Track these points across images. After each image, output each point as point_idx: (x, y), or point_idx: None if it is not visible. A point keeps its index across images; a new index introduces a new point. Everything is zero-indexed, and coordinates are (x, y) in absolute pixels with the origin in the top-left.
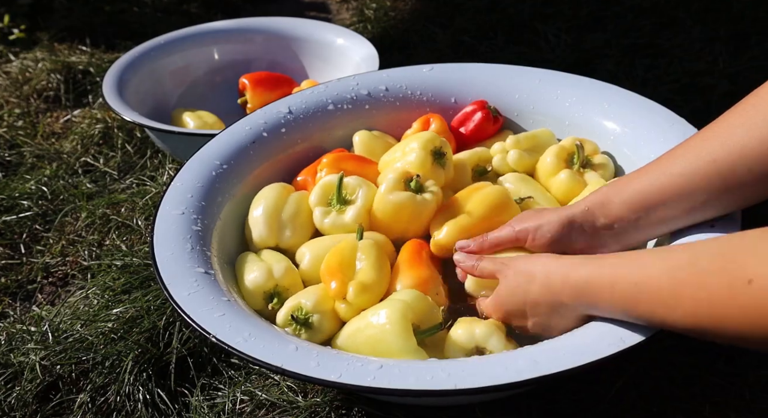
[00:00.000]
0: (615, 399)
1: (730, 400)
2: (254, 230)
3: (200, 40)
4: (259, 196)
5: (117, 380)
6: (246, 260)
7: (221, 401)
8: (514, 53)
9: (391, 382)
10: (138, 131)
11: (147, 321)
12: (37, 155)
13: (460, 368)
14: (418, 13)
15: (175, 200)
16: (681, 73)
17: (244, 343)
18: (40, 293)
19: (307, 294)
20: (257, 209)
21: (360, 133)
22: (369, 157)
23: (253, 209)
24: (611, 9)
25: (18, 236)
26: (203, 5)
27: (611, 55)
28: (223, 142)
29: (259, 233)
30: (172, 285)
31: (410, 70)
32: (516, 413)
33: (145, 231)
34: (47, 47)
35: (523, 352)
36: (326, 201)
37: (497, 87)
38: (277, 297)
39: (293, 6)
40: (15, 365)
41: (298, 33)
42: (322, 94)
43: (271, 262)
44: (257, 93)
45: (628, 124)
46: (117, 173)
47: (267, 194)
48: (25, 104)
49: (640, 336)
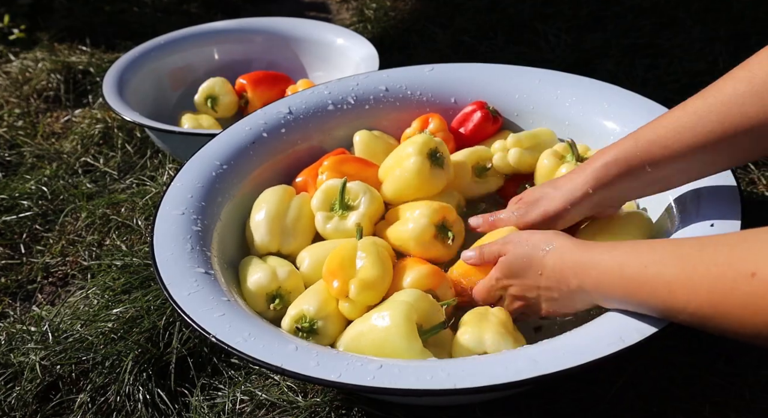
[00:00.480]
0: (615, 399)
1: (730, 400)
2: (256, 234)
3: (200, 40)
4: (261, 200)
5: (117, 380)
6: (250, 262)
7: (221, 401)
8: (514, 53)
9: (391, 382)
10: (138, 131)
11: (147, 321)
12: (37, 155)
13: (459, 367)
14: (418, 13)
15: (175, 200)
16: (681, 73)
17: (243, 343)
18: (40, 293)
19: (308, 299)
20: (259, 213)
21: (360, 133)
22: (370, 158)
23: (255, 213)
24: (611, 9)
25: (18, 236)
26: (203, 5)
27: (611, 55)
28: (223, 143)
29: (261, 238)
30: (172, 285)
31: (410, 71)
32: (516, 413)
33: (145, 231)
34: (47, 47)
35: (522, 352)
36: (328, 206)
37: (497, 87)
38: (279, 299)
39: (293, 6)
40: (15, 365)
41: (298, 33)
42: (322, 95)
43: (275, 265)
44: (258, 93)
45: (628, 124)
46: (117, 173)
47: (269, 198)
48: (25, 104)
49: (639, 336)
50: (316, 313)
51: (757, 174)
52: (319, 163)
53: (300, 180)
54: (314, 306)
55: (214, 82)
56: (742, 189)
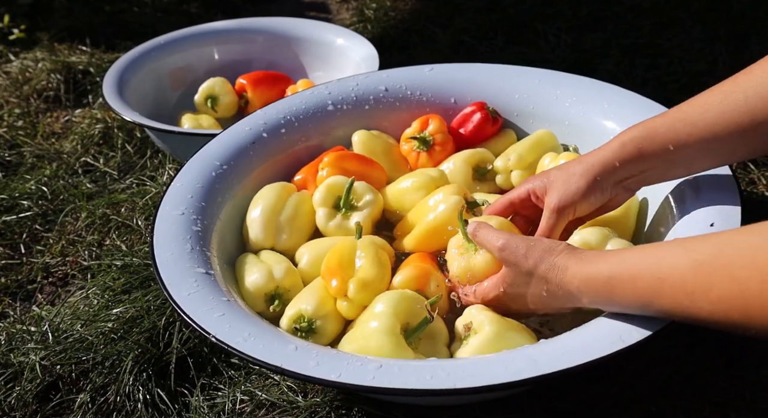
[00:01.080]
0: (615, 398)
1: (730, 400)
2: (251, 230)
3: (200, 40)
4: (258, 197)
5: (117, 380)
6: (245, 261)
7: (221, 401)
8: (514, 53)
9: (391, 381)
10: (138, 131)
11: (147, 321)
12: (37, 155)
13: (459, 367)
14: (418, 13)
15: (175, 201)
16: (681, 73)
17: (243, 343)
18: (40, 293)
19: (306, 298)
20: (255, 209)
21: (359, 133)
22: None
23: (252, 209)
24: (611, 9)
25: (18, 236)
26: (203, 5)
27: (611, 55)
28: (223, 143)
29: (255, 235)
30: (172, 285)
31: (410, 71)
32: (516, 412)
33: (145, 231)
34: (47, 47)
35: (522, 351)
36: (331, 202)
37: (497, 87)
38: (278, 299)
39: (293, 6)
40: (15, 365)
41: (298, 33)
42: (322, 95)
43: (271, 263)
44: (258, 93)
45: (628, 124)
46: (117, 173)
47: (266, 195)
48: (25, 104)
49: (639, 336)
50: (314, 312)
51: (757, 174)
52: (318, 160)
53: (299, 178)
54: (312, 305)
55: (214, 82)
56: (742, 189)
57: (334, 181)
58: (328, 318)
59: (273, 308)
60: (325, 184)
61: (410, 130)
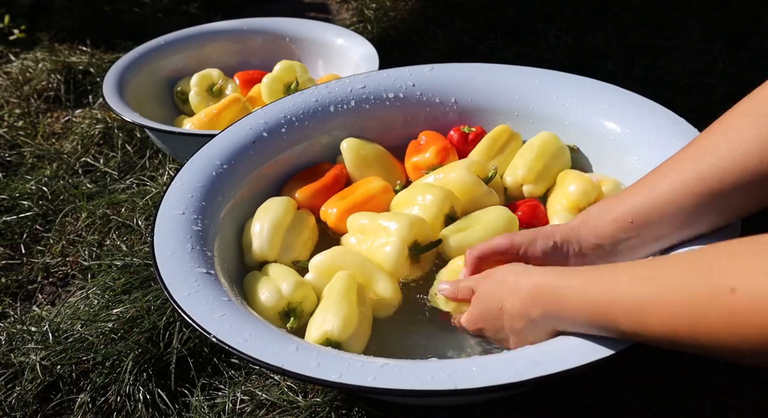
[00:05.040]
0: (615, 398)
1: (730, 400)
2: (256, 241)
3: (200, 40)
4: (265, 208)
5: (117, 380)
6: (252, 280)
7: (221, 401)
8: (514, 53)
9: (391, 382)
10: (138, 131)
11: (147, 321)
12: (37, 155)
13: (460, 368)
14: (418, 13)
15: (176, 200)
16: (681, 73)
17: (244, 343)
18: (41, 293)
19: (329, 315)
20: (261, 221)
21: (348, 141)
22: (359, 165)
23: (256, 220)
24: (611, 9)
25: (18, 236)
26: (203, 5)
27: (611, 55)
28: (224, 143)
29: (260, 247)
30: (173, 285)
31: (410, 70)
32: (517, 412)
33: (146, 231)
34: (47, 47)
35: (523, 352)
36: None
37: (497, 87)
38: (292, 315)
39: (293, 6)
40: (15, 365)
41: (298, 33)
42: (322, 95)
43: (278, 279)
44: (245, 91)
45: (628, 125)
46: (117, 173)
47: (274, 207)
48: (26, 104)
49: None
50: (339, 333)
51: None
52: (322, 186)
53: (300, 197)
54: (337, 327)
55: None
56: None
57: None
58: (357, 336)
59: (289, 326)
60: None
61: (421, 160)
